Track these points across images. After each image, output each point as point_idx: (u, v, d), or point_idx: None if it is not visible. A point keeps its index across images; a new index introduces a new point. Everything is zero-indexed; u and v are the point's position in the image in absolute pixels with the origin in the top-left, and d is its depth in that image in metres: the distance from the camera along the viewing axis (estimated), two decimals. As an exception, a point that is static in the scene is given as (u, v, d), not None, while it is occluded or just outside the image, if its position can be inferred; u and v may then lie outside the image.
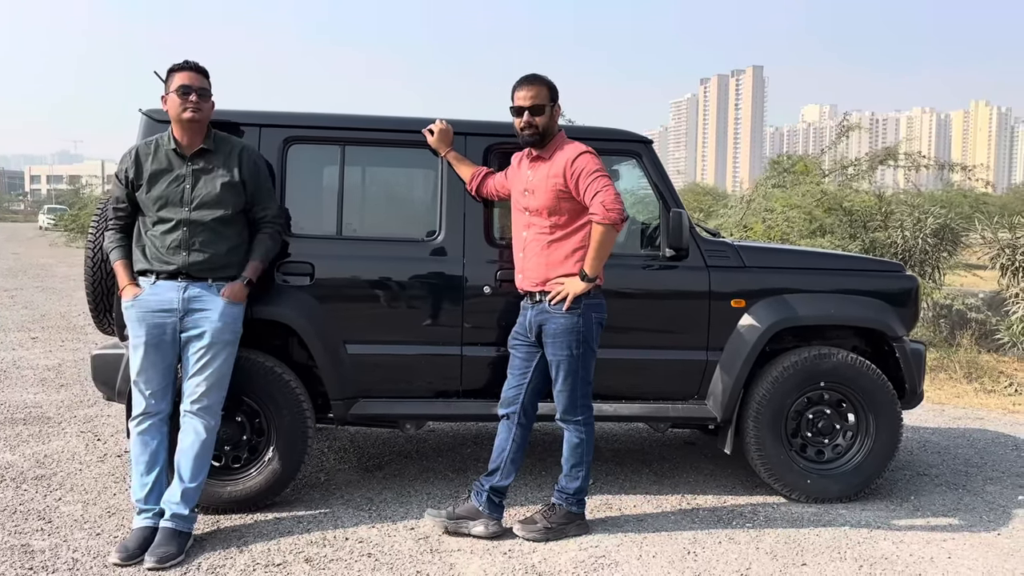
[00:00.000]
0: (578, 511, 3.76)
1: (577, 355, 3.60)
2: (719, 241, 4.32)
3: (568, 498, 3.73)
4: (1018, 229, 9.05)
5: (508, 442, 3.73)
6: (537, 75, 3.70)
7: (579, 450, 3.71)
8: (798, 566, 3.48)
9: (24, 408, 5.78)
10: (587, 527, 3.77)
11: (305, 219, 4.04)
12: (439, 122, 3.99)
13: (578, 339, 3.59)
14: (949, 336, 9.43)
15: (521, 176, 3.75)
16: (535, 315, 3.66)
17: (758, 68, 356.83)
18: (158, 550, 3.33)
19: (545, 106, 3.63)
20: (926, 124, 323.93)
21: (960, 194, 18.06)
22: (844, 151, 15.51)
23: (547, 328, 3.62)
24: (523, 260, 3.71)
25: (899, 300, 4.33)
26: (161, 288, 3.52)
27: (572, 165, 3.56)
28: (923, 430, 5.88)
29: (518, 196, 3.75)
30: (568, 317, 3.58)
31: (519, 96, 3.64)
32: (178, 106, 3.49)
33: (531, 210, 3.67)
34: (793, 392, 4.15)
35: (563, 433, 3.76)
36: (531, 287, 3.67)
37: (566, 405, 3.68)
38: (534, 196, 3.65)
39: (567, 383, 3.64)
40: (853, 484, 4.21)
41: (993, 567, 3.51)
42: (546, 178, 3.62)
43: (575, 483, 3.73)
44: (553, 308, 3.60)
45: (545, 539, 3.63)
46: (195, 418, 3.52)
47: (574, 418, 3.69)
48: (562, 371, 3.63)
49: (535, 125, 3.62)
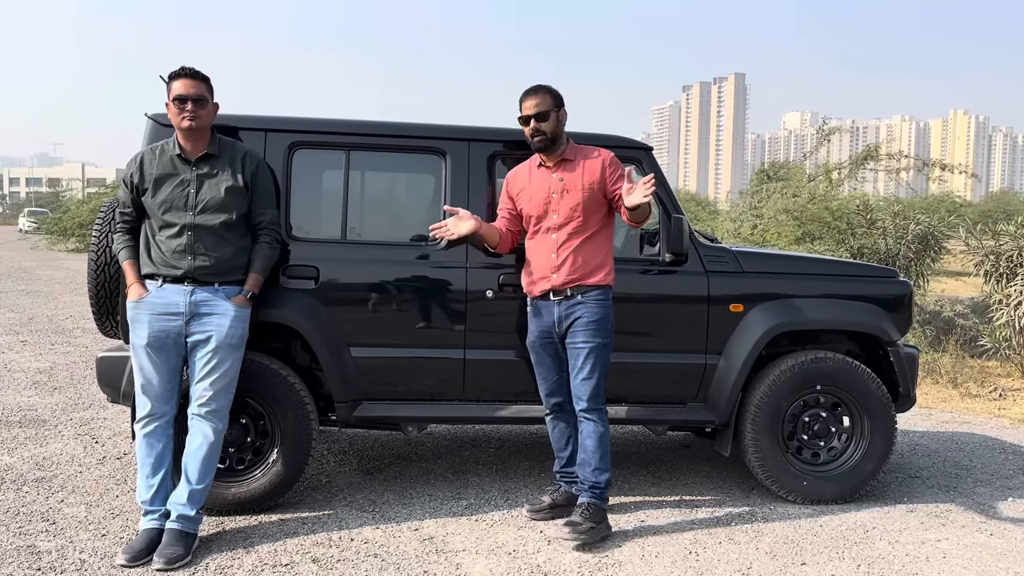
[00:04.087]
0: (605, 505, 3.81)
1: (607, 343, 3.77)
2: (718, 246, 4.39)
3: (601, 492, 3.77)
4: (1002, 236, 9.18)
5: (570, 429, 3.93)
6: (540, 85, 3.86)
7: (604, 440, 3.77)
8: (798, 566, 3.54)
9: (19, 411, 5.76)
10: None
11: (310, 223, 4.08)
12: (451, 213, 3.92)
13: (608, 327, 3.77)
14: (934, 341, 9.56)
15: (543, 182, 3.83)
16: (565, 309, 3.76)
17: (740, 75, 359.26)
18: (166, 551, 3.35)
19: (549, 112, 3.76)
20: (906, 131, 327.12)
21: (937, 200, 18.28)
22: (826, 156, 15.70)
23: (581, 318, 3.72)
24: (555, 261, 3.77)
25: (893, 305, 4.42)
26: (167, 291, 3.54)
27: (610, 164, 3.80)
28: (912, 433, 5.97)
29: (541, 203, 3.82)
30: (603, 307, 3.75)
31: (525, 106, 3.80)
32: (176, 115, 3.53)
33: (563, 211, 3.77)
34: (790, 395, 4.22)
35: (581, 427, 3.79)
36: (567, 284, 3.75)
37: (592, 393, 3.74)
38: (568, 196, 3.77)
39: (595, 371, 3.73)
40: (848, 486, 4.28)
41: (987, 567, 3.59)
42: (581, 178, 3.78)
43: (605, 475, 3.77)
44: (586, 300, 3.74)
45: (593, 539, 3.65)
46: (203, 421, 3.54)
47: (598, 406, 3.76)
48: (591, 359, 3.72)
49: (543, 131, 3.77)
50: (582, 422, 3.79)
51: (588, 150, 3.87)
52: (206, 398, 3.54)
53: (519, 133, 4.16)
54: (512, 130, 4.12)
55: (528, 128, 3.79)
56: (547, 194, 3.81)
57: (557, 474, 4.04)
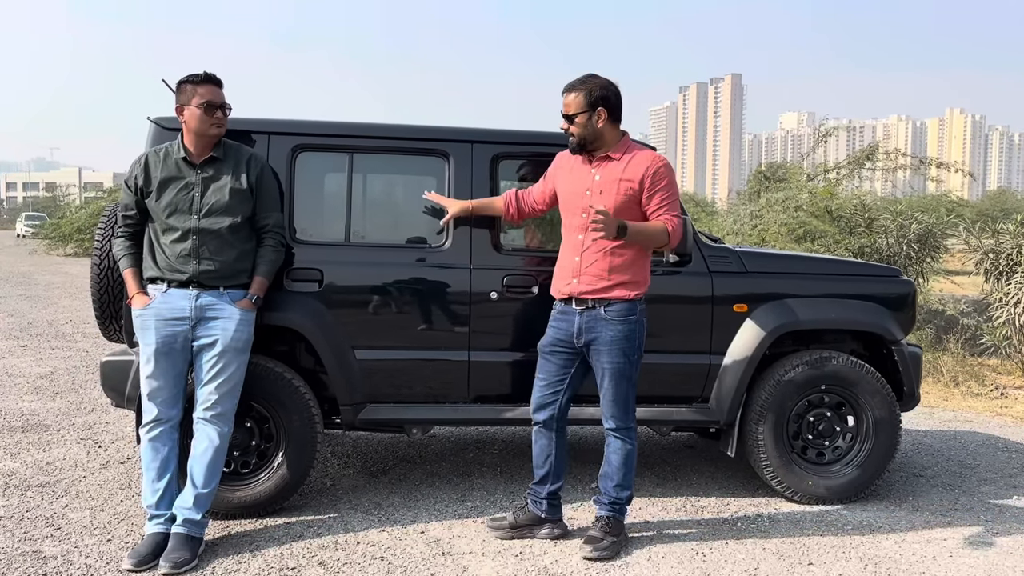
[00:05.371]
0: (623, 519, 3.74)
1: (634, 362, 3.60)
2: (721, 247, 4.39)
3: (621, 508, 3.69)
4: (1001, 235, 9.20)
5: (551, 448, 3.73)
6: (577, 82, 3.60)
7: (630, 458, 3.66)
8: (805, 565, 3.54)
9: (21, 416, 5.75)
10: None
11: (314, 226, 4.08)
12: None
13: (634, 345, 3.58)
14: (935, 340, 9.57)
15: (581, 176, 3.62)
16: (586, 322, 3.57)
17: (736, 76, 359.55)
18: (172, 555, 3.34)
19: (579, 114, 3.54)
20: (903, 131, 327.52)
21: (935, 199, 18.32)
22: (823, 156, 15.74)
23: (602, 336, 3.55)
24: (579, 265, 3.57)
25: (897, 304, 4.42)
26: (173, 296, 3.53)
27: (655, 174, 3.52)
28: (916, 433, 5.97)
29: (575, 198, 3.61)
30: (627, 324, 3.54)
31: (563, 103, 3.59)
32: (204, 122, 3.50)
33: (594, 213, 3.47)
34: (794, 395, 4.22)
35: (608, 442, 3.70)
36: (587, 294, 3.57)
37: (621, 412, 3.62)
38: (601, 197, 3.53)
39: (621, 390, 3.59)
40: (853, 485, 4.28)
41: (994, 565, 3.59)
42: (618, 181, 3.53)
43: (627, 491, 3.69)
44: (609, 315, 3.54)
45: (614, 553, 3.57)
46: (209, 425, 3.53)
47: (627, 425, 3.65)
48: (617, 378, 3.57)
49: (572, 133, 3.58)
50: (609, 438, 3.69)
51: (641, 151, 3.60)
52: (212, 402, 3.53)
53: (522, 135, 4.16)
54: (515, 132, 4.12)
55: (566, 126, 3.59)
56: (581, 190, 3.59)
57: (528, 489, 3.85)
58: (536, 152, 4.18)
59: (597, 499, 3.75)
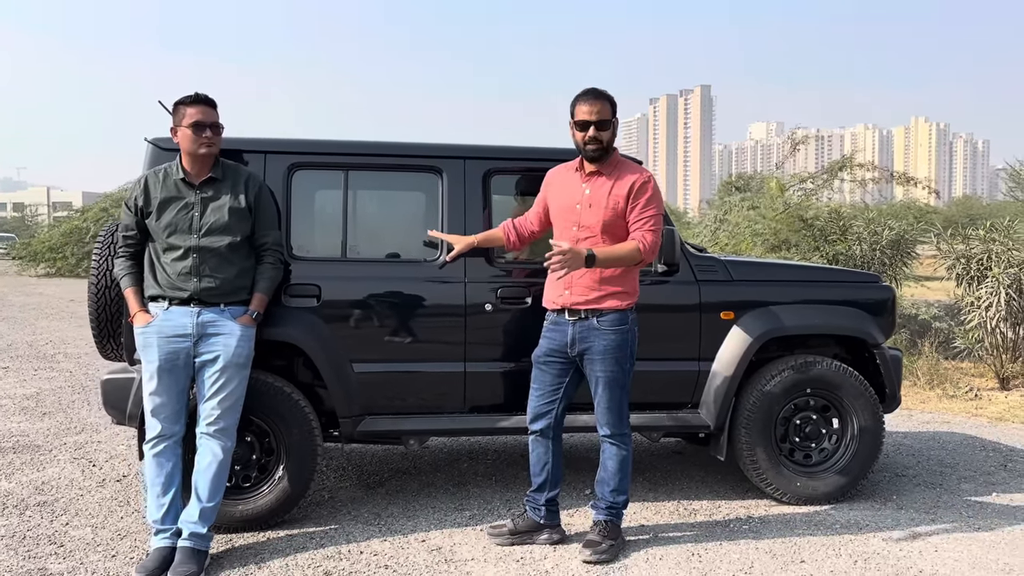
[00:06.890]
0: (620, 523, 3.84)
1: (627, 370, 3.69)
2: (708, 256, 4.52)
3: (618, 512, 3.79)
4: (972, 240, 9.43)
5: (548, 456, 3.82)
6: (600, 90, 3.69)
7: (626, 464, 3.76)
8: (797, 563, 3.65)
9: (11, 437, 5.74)
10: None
11: (311, 242, 4.15)
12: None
13: (627, 354, 3.67)
14: (910, 344, 9.78)
15: (572, 190, 3.72)
16: (579, 332, 3.65)
17: (706, 87, 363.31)
18: (180, 569, 3.39)
19: (610, 121, 3.64)
20: (869, 140, 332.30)
21: (904, 206, 18.69)
22: (793, 166, 16.08)
23: (595, 346, 3.63)
24: (571, 276, 3.63)
25: (877, 309, 4.57)
26: (174, 314, 3.59)
27: (638, 189, 3.62)
28: (895, 434, 6.13)
29: (566, 211, 3.71)
30: (619, 334, 3.63)
31: (583, 110, 3.62)
32: (194, 141, 3.58)
33: (585, 225, 3.65)
34: (781, 399, 4.34)
35: (603, 448, 3.79)
36: (579, 305, 3.66)
37: (615, 419, 3.71)
38: (591, 211, 3.64)
39: (615, 397, 3.68)
40: (839, 486, 4.40)
41: (978, 557, 3.72)
42: (607, 195, 3.63)
43: (623, 496, 3.79)
44: (602, 325, 3.63)
45: (613, 557, 3.65)
46: (212, 440, 3.59)
47: (622, 431, 3.74)
48: (611, 386, 3.66)
49: (600, 140, 3.62)
50: (604, 444, 3.79)
51: (630, 167, 3.73)
52: (214, 417, 3.59)
53: (514, 151, 4.25)
54: (507, 148, 4.22)
55: (584, 134, 3.61)
56: (572, 204, 3.69)
57: (526, 497, 3.92)
58: (528, 167, 4.29)
59: (594, 504, 3.84)
